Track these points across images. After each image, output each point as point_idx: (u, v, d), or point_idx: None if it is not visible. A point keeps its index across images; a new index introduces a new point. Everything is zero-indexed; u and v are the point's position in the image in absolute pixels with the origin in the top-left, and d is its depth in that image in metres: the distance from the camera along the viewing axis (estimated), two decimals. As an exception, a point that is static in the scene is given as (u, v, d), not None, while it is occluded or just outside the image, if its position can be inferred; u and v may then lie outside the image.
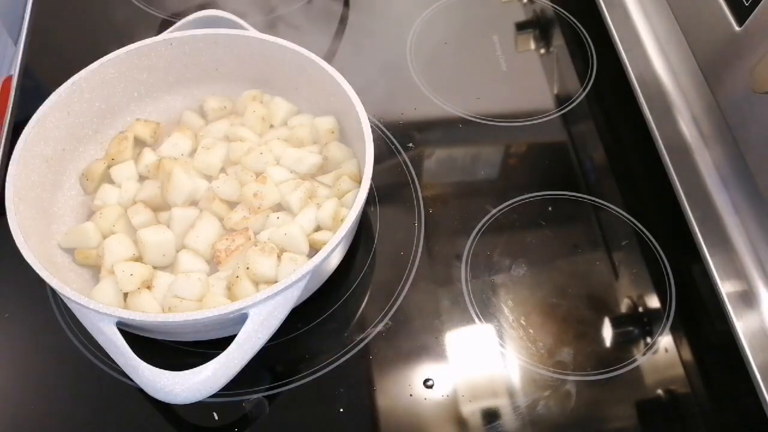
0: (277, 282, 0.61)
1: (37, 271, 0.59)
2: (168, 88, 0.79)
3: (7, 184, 0.63)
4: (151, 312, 0.62)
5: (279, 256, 0.65)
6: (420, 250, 0.73)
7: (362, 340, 0.67)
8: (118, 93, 0.75)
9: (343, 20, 0.95)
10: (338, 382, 0.65)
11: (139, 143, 0.75)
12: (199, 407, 0.61)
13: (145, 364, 0.57)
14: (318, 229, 0.68)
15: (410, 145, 0.81)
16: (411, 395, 0.64)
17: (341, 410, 0.63)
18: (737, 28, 0.66)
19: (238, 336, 0.58)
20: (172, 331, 0.64)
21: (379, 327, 0.68)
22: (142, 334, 0.63)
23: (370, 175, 0.65)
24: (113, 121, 0.76)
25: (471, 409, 0.64)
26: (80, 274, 0.67)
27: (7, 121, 0.82)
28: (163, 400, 0.56)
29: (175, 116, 0.79)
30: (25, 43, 0.90)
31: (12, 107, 0.83)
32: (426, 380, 0.65)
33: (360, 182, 0.66)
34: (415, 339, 0.67)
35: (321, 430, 0.63)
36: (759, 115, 0.65)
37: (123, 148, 0.73)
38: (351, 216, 0.62)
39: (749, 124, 0.67)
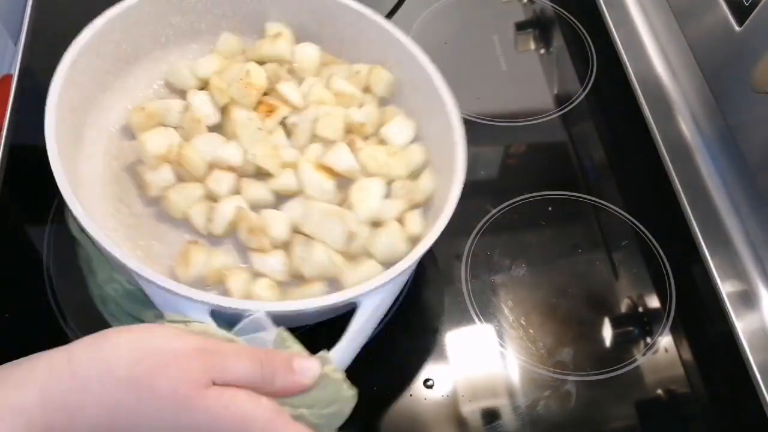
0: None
1: (108, 249, 0.53)
2: (195, 36, 0.72)
3: (47, 133, 0.57)
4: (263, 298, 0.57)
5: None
6: (420, 250, 0.73)
7: (362, 340, 0.67)
8: (146, 36, 0.70)
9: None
10: (338, 382, 0.64)
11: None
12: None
13: None
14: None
15: (410, 145, 0.81)
16: (411, 395, 0.64)
17: (341, 410, 0.63)
18: (737, 28, 0.66)
19: (350, 328, 0.54)
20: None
21: (379, 327, 0.68)
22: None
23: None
24: (135, 68, 0.70)
25: (471, 409, 0.64)
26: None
27: (7, 120, 0.82)
28: None
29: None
30: (25, 43, 0.90)
31: (12, 107, 0.83)
32: (426, 380, 0.65)
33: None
34: (415, 339, 0.67)
35: (321, 430, 0.63)
36: (759, 115, 0.65)
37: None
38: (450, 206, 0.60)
39: (749, 124, 0.67)
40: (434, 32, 0.93)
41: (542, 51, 0.92)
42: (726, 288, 0.67)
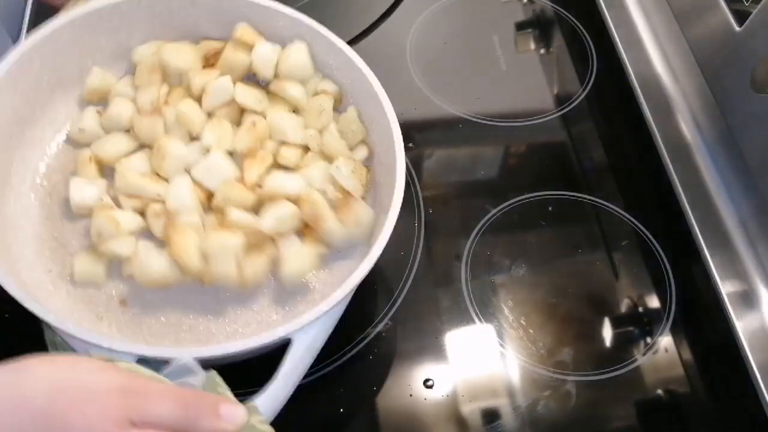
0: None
1: (25, 304, 0.52)
2: (126, 57, 0.67)
3: None
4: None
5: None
6: (420, 250, 0.73)
7: (362, 340, 0.67)
8: (71, 63, 0.65)
9: (341, 20, 0.95)
10: (338, 382, 0.65)
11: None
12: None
13: None
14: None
15: (410, 145, 0.81)
16: (411, 395, 0.64)
17: (341, 410, 0.63)
18: (737, 28, 0.66)
19: (283, 366, 0.53)
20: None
21: (379, 327, 0.68)
22: None
23: (404, 167, 0.62)
24: (64, 95, 0.66)
25: (471, 409, 0.64)
26: (52, 291, 0.59)
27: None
28: None
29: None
30: (25, 43, 0.90)
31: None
32: (426, 380, 0.65)
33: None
34: (415, 339, 0.67)
35: (321, 430, 0.63)
36: (759, 115, 0.65)
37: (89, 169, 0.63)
38: (388, 228, 0.58)
39: (749, 124, 0.67)
40: (434, 32, 0.93)
41: (542, 51, 0.92)
42: (726, 288, 0.67)
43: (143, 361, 0.50)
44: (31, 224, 0.61)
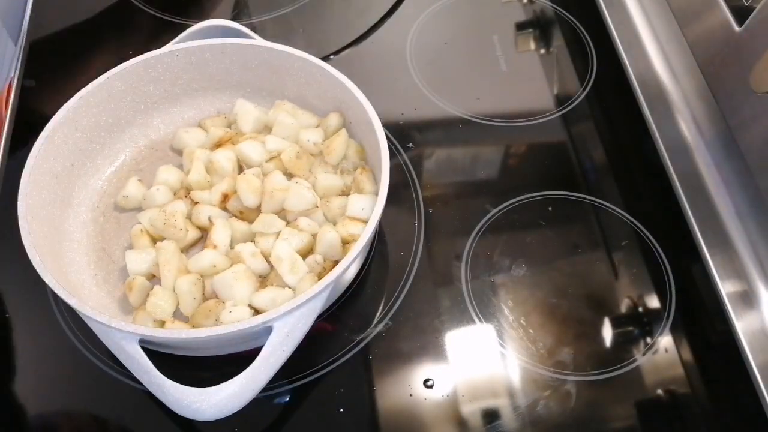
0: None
1: (56, 291, 0.58)
2: (174, 100, 0.78)
3: (19, 203, 0.63)
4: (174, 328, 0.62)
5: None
6: (420, 250, 0.73)
7: (362, 340, 0.67)
8: (125, 106, 0.75)
9: (342, 20, 0.95)
10: (338, 382, 0.65)
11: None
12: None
13: (170, 381, 0.56)
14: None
15: (410, 145, 0.81)
16: (411, 395, 0.64)
17: (341, 410, 0.63)
18: (737, 28, 0.66)
19: (263, 350, 0.57)
20: (195, 347, 0.63)
21: (379, 327, 0.68)
22: (163, 350, 0.63)
23: (387, 182, 0.64)
24: (120, 135, 0.76)
25: (471, 409, 0.64)
26: (95, 291, 0.67)
27: (7, 121, 0.82)
28: (190, 418, 0.56)
29: (181, 126, 0.78)
30: (26, 43, 0.90)
31: (12, 107, 0.84)
32: (426, 380, 0.65)
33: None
34: (415, 339, 0.67)
35: (321, 430, 0.63)
36: (759, 115, 0.65)
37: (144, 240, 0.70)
38: (369, 229, 0.62)
39: (749, 124, 0.67)
40: (434, 32, 0.93)
41: (542, 51, 0.92)
42: (726, 288, 0.67)
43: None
44: (85, 237, 0.71)
